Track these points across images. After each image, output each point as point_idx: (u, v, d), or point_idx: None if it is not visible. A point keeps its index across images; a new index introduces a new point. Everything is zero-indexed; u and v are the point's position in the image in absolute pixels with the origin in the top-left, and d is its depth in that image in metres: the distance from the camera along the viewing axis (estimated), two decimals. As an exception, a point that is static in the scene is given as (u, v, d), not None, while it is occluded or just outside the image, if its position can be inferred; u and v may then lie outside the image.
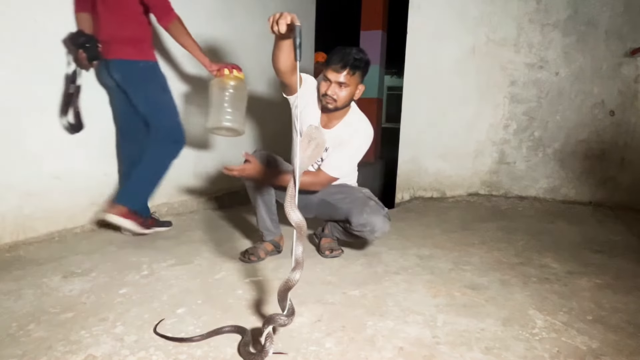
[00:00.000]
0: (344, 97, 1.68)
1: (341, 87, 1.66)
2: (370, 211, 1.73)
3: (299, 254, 1.05)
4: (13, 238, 1.86)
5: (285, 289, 1.04)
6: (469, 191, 3.17)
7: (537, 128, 2.99)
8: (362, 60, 1.67)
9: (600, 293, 1.52)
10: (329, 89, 1.67)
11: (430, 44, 3.14)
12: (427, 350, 1.13)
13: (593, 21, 2.77)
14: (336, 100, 1.68)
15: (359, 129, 1.78)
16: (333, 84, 1.66)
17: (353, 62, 1.64)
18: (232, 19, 3.00)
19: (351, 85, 1.68)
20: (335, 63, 1.64)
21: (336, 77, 1.65)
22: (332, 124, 1.80)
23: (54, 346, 1.11)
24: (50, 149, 1.97)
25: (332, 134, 1.78)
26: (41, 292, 1.44)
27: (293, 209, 1.02)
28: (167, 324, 1.25)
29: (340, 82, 1.65)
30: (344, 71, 1.64)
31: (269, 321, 1.04)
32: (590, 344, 1.18)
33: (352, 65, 1.64)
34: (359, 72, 1.68)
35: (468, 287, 1.56)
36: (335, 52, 1.67)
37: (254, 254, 1.79)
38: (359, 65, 1.66)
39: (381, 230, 1.75)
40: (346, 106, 1.75)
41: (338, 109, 1.72)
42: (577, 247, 2.05)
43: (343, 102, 1.70)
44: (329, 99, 1.68)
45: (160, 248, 1.94)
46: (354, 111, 1.82)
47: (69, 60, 1.94)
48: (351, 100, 1.74)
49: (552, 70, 2.90)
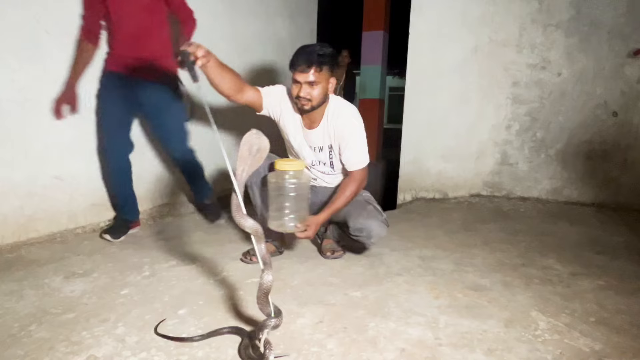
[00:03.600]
0: (317, 95, 1.66)
1: (312, 86, 1.64)
2: (367, 215, 1.73)
3: (264, 255, 1.06)
4: (15, 238, 1.87)
5: (263, 294, 1.05)
6: (471, 192, 3.16)
7: (539, 129, 2.98)
8: (327, 55, 1.64)
9: (603, 294, 1.51)
10: (300, 90, 1.65)
11: (432, 44, 3.13)
12: (429, 351, 1.12)
13: (596, 22, 2.76)
14: (310, 100, 1.66)
15: (346, 114, 1.75)
16: (303, 85, 1.64)
17: (318, 58, 1.62)
18: (232, 19, 3.00)
19: (322, 81, 1.65)
20: (300, 64, 1.62)
21: (304, 77, 1.63)
22: (315, 122, 1.78)
23: (55, 347, 1.11)
24: (52, 149, 1.97)
25: (321, 130, 1.77)
26: (43, 293, 1.44)
27: (242, 217, 1.04)
28: (169, 324, 1.24)
29: (309, 81, 1.63)
30: (311, 70, 1.62)
31: (261, 328, 1.04)
32: (593, 345, 1.17)
33: (318, 62, 1.62)
34: (326, 67, 1.65)
35: (470, 288, 1.55)
36: (298, 53, 1.65)
37: (255, 255, 1.79)
38: (324, 60, 1.63)
39: (378, 235, 1.75)
40: (323, 102, 1.72)
41: (315, 108, 1.70)
42: (580, 248, 2.04)
43: (318, 101, 1.68)
44: (303, 101, 1.66)
45: (162, 249, 1.95)
46: (332, 101, 1.78)
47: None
48: (325, 96, 1.71)
49: (555, 71, 2.89)
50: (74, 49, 1.97)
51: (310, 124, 1.79)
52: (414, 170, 3.28)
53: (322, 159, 1.84)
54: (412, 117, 3.27)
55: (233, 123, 2.76)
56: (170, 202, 2.63)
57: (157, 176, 2.54)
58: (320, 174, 1.90)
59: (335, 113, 1.75)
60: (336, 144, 1.77)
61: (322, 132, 1.77)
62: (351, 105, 1.80)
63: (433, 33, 3.12)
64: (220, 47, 2.86)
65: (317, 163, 1.86)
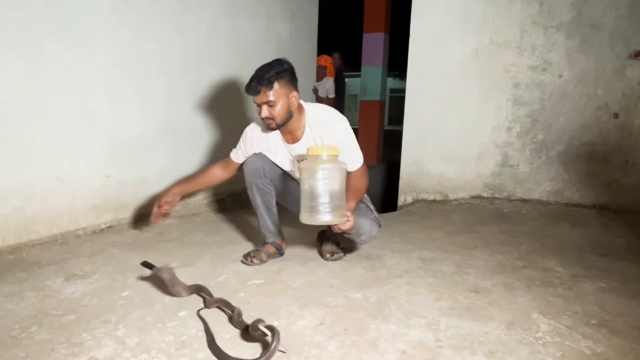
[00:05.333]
0: (279, 113, 1.64)
1: (271, 105, 1.63)
2: (358, 213, 1.71)
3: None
4: (16, 240, 1.87)
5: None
6: (472, 194, 3.16)
7: (540, 131, 2.97)
8: (276, 73, 1.60)
9: (604, 297, 1.51)
10: (261, 112, 1.65)
11: (433, 46, 3.14)
12: (430, 353, 1.12)
13: (597, 23, 2.76)
14: (273, 118, 1.65)
15: (331, 120, 1.73)
16: (263, 107, 1.63)
17: (267, 79, 1.59)
18: (233, 20, 3.01)
19: (279, 99, 1.62)
20: (251, 87, 1.61)
21: (259, 99, 1.63)
22: (297, 136, 1.76)
23: (56, 348, 1.11)
24: (53, 151, 1.97)
25: (305, 142, 1.75)
26: (43, 295, 1.44)
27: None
28: (170, 326, 1.24)
29: (265, 102, 1.62)
30: (261, 91, 1.60)
31: (255, 324, 1.12)
32: (594, 348, 1.17)
33: (267, 82, 1.59)
34: (278, 83, 1.61)
35: (471, 290, 1.55)
36: (251, 77, 1.63)
37: (255, 257, 1.79)
38: (270, 79, 1.59)
39: (367, 234, 1.74)
40: (290, 117, 1.69)
41: (280, 125, 1.69)
42: (581, 250, 2.03)
43: (282, 118, 1.66)
44: (268, 121, 1.66)
45: (162, 250, 1.95)
46: (309, 111, 1.75)
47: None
48: (290, 110, 1.67)
49: (556, 73, 2.89)
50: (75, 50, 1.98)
51: (292, 138, 1.77)
52: (415, 172, 3.28)
53: None
54: (413, 119, 3.27)
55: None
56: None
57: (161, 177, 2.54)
58: None
59: (319, 122, 1.73)
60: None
61: (306, 144, 1.74)
62: (329, 108, 1.79)
63: (433, 35, 3.13)
64: (221, 48, 2.89)
65: None
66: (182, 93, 2.63)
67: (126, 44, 2.23)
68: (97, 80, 2.11)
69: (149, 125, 2.43)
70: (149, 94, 2.41)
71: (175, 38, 2.52)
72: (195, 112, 2.74)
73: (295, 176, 1.85)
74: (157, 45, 2.42)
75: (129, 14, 2.23)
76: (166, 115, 2.53)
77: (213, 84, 2.84)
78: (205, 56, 2.76)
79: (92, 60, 2.07)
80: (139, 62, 2.32)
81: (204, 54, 2.75)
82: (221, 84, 2.90)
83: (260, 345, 1.14)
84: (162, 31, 2.43)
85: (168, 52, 2.49)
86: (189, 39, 2.62)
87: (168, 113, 2.54)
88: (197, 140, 2.79)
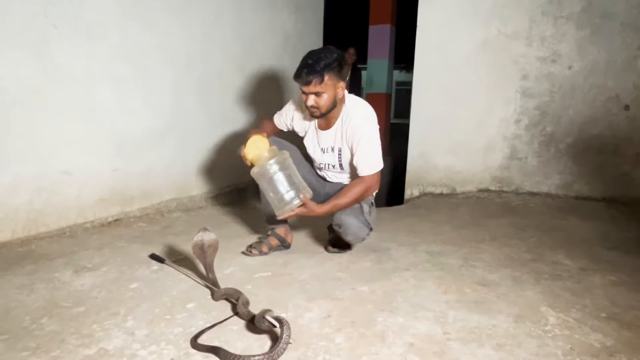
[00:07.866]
0: (325, 103, 1.66)
1: (318, 95, 1.64)
2: (349, 212, 1.70)
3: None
4: (25, 233, 1.89)
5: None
6: (479, 187, 3.13)
7: (549, 123, 2.94)
8: (328, 64, 1.61)
9: (614, 290, 1.49)
10: (307, 100, 1.66)
11: (440, 37, 3.10)
12: (438, 346, 1.12)
13: (608, 13, 2.71)
14: (319, 107, 1.67)
15: (357, 118, 1.72)
16: (310, 96, 1.65)
17: (318, 71, 1.60)
18: (239, 13, 2.99)
19: (327, 90, 1.64)
20: (302, 77, 1.62)
21: (308, 89, 1.64)
22: (330, 124, 1.79)
23: (66, 339, 1.12)
24: (60, 144, 1.98)
25: (333, 132, 1.77)
26: (53, 287, 1.46)
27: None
28: (178, 318, 1.25)
29: (313, 92, 1.64)
30: (312, 82, 1.61)
31: (262, 315, 1.13)
32: (604, 341, 1.16)
33: (319, 74, 1.60)
34: (329, 75, 1.62)
35: (479, 283, 1.54)
36: (300, 65, 1.63)
37: (256, 248, 1.81)
38: (322, 71, 1.60)
39: (354, 234, 1.73)
40: (334, 107, 1.71)
41: (324, 114, 1.71)
42: (590, 243, 2.02)
43: (327, 107, 1.68)
44: (313, 109, 1.68)
45: (170, 243, 1.96)
46: (347, 103, 1.76)
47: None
48: (335, 100, 1.69)
49: (565, 64, 2.85)
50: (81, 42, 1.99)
51: (326, 125, 1.80)
52: (422, 165, 3.26)
53: (330, 160, 1.83)
54: (420, 112, 3.24)
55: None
56: (178, 197, 2.64)
57: (167, 171, 2.55)
58: (331, 173, 1.91)
59: (349, 115, 1.74)
60: (348, 147, 1.76)
61: (334, 134, 1.77)
62: (366, 108, 1.77)
63: (441, 26, 3.09)
64: (226, 41, 2.88)
65: (325, 165, 1.87)
66: (188, 86, 2.62)
67: (132, 37, 2.23)
68: (103, 73, 2.11)
69: (155, 119, 2.44)
70: (155, 87, 2.41)
71: (180, 31, 2.52)
72: (201, 105, 2.73)
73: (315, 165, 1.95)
74: (163, 39, 2.41)
75: (134, 6, 2.22)
76: (172, 108, 2.53)
77: (219, 76, 2.84)
78: (210, 49, 2.75)
79: (98, 53, 2.08)
80: (145, 55, 2.32)
81: (209, 46, 2.74)
82: (227, 77, 2.89)
83: (269, 336, 1.15)
84: (167, 24, 2.43)
85: (173, 45, 2.49)
86: (194, 32, 2.61)
87: (174, 106, 2.54)
88: (203, 133, 2.79)
